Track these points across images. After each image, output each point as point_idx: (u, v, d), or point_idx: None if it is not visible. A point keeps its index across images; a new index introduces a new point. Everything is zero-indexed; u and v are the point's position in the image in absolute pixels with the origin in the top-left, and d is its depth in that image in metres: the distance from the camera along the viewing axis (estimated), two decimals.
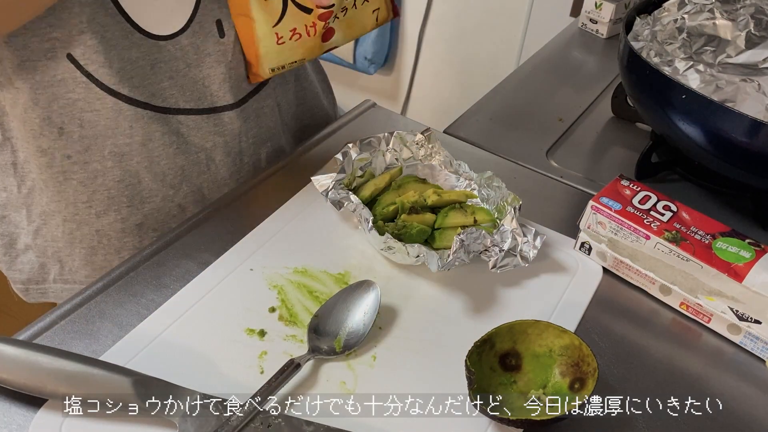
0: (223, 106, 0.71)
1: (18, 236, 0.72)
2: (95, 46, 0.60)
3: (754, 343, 0.58)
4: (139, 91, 0.65)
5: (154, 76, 0.65)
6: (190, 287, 0.59)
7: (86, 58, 0.61)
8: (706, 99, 0.64)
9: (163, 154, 0.69)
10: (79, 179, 0.67)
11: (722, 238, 0.59)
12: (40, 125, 0.63)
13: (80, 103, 0.62)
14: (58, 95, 0.62)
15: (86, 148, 0.65)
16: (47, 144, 0.64)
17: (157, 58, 0.65)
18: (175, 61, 0.66)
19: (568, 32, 1.16)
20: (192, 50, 0.67)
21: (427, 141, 0.71)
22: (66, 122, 0.63)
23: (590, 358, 0.51)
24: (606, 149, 0.88)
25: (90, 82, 0.62)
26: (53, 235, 0.71)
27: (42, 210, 0.69)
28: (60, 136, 0.64)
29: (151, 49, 0.64)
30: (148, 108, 0.66)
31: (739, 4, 0.76)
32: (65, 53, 0.60)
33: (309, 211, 0.68)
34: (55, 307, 0.57)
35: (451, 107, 1.77)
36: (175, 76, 0.67)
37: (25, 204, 0.70)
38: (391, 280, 0.62)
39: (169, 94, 0.67)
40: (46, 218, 0.70)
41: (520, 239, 0.62)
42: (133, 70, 0.64)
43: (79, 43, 0.60)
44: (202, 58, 0.67)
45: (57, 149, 0.65)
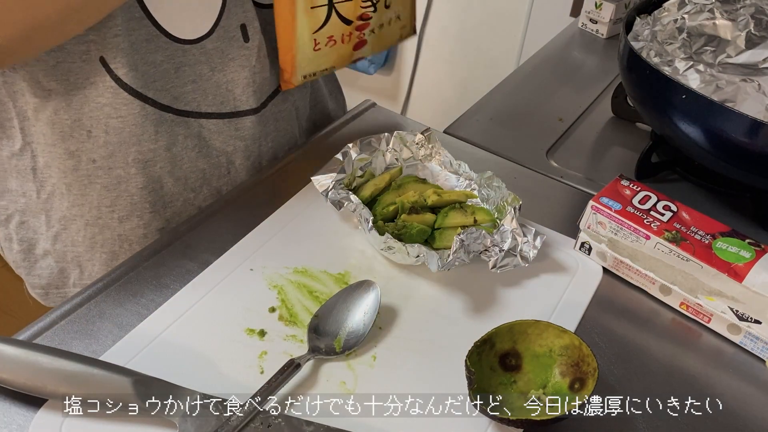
0: (245, 111, 0.71)
1: (37, 241, 0.72)
2: (126, 49, 0.60)
3: (754, 343, 0.58)
4: (162, 95, 0.65)
5: (177, 79, 0.65)
6: (190, 287, 0.59)
7: (117, 62, 0.61)
8: (706, 99, 0.64)
9: (185, 158, 0.69)
10: (103, 183, 0.67)
11: (722, 238, 0.59)
12: (70, 126, 0.63)
13: (107, 108, 0.63)
14: (89, 98, 0.62)
15: (110, 154, 0.65)
16: (75, 146, 0.64)
17: (182, 62, 0.65)
18: (200, 65, 0.66)
19: (568, 32, 1.16)
20: (216, 54, 0.67)
21: (427, 141, 0.71)
22: (94, 126, 0.64)
23: (590, 358, 0.51)
24: (606, 149, 0.88)
25: (118, 87, 0.62)
26: (73, 239, 0.71)
27: (62, 215, 0.69)
28: (88, 139, 0.64)
29: (175, 53, 0.64)
30: (171, 111, 0.66)
31: (739, 4, 0.76)
32: (98, 56, 0.60)
33: (309, 211, 0.68)
34: (55, 307, 0.57)
35: (451, 107, 1.77)
36: (199, 80, 0.67)
37: (44, 209, 0.70)
38: (391, 280, 0.62)
39: (192, 98, 0.67)
40: (66, 223, 0.70)
41: (520, 239, 0.62)
42: (156, 74, 0.64)
43: (112, 47, 0.60)
44: (226, 63, 0.68)
45: (84, 152, 0.65)
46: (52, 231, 0.71)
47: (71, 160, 0.65)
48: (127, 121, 0.64)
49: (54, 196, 0.68)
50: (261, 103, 0.73)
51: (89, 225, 0.69)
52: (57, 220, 0.70)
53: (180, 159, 0.69)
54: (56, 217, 0.70)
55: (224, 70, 0.68)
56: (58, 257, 0.72)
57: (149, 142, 0.66)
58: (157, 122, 0.65)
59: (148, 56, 0.63)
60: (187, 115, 0.68)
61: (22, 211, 0.71)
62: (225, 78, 0.68)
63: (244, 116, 0.72)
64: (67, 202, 0.68)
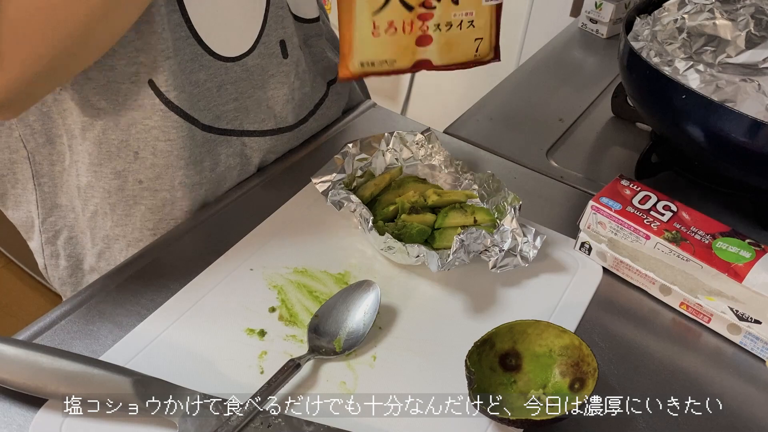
0: (285, 127, 0.72)
1: (84, 257, 0.73)
2: (175, 71, 0.60)
3: (754, 343, 0.58)
4: (205, 114, 0.65)
5: (219, 98, 0.65)
6: (190, 287, 0.59)
7: (168, 85, 0.60)
8: (706, 99, 0.64)
9: (228, 177, 0.69)
10: (148, 205, 0.67)
11: (722, 238, 0.59)
12: (117, 147, 0.63)
13: (155, 131, 0.62)
14: (136, 120, 0.62)
15: (157, 176, 0.65)
16: (122, 166, 0.64)
17: (224, 80, 0.65)
18: (241, 82, 0.66)
19: (568, 32, 1.16)
20: (257, 71, 0.67)
21: (427, 141, 0.71)
22: (141, 147, 0.63)
23: (590, 358, 0.51)
24: (606, 149, 0.88)
25: (168, 110, 0.61)
26: (116, 259, 0.70)
27: (105, 234, 0.69)
28: (135, 160, 0.64)
29: (218, 71, 0.64)
30: (213, 131, 0.66)
31: (739, 4, 0.76)
32: (147, 79, 0.60)
33: (309, 211, 0.68)
34: (55, 307, 0.57)
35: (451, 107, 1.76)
36: (240, 98, 0.67)
37: (89, 227, 0.70)
38: (391, 280, 0.62)
39: (234, 116, 0.67)
40: (109, 242, 0.70)
41: (520, 239, 0.62)
42: (200, 93, 0.64)
43: (163, 69, 0.59)
44: (266, 80, 0.68)
45: (130, 172, 0.65)
46: (97, 248, 0.71)
47: (117, 180, 0.65)
48: (175, 144, 0.63)
49: (97, 215, 0.68)
50: (300, 119, 0.73)
51: (131, 246, 0.69)
52: (101, 238, 0.70)
53: (224, 179, 0.69)
54: (100, 236, 0.70)
55: (264, 87, 0.68)
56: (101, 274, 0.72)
57: (196, 165, 0.66)
58: (203, 143, 0.65)
59: (192, 76, 0.62)
60: (230, 134, 0.68)
61: (71, 226, 0.71)
62: (265, 95, 0.69)
63: (283, 132, 0.72)
64: (110, 222, 0.68)
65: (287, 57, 0.69)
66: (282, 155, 0.78)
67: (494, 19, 0.74)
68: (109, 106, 0.61)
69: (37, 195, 0.70)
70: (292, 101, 0.71)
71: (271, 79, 0.69)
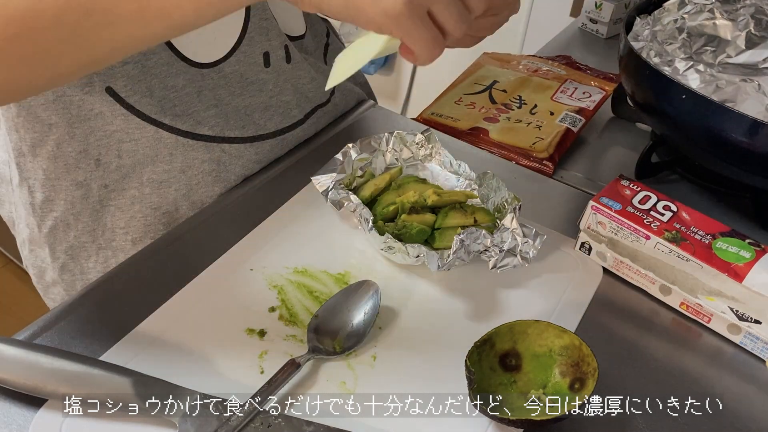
0: (265, 134, 0.71)
1: (45, 270, 0.72)
2: (137, 75, 0.60)
3: (754, 343, 0.58)
4: (183, 120, 0.64)
5: (200, 103, 0.65)
6: (190, 287, 0.59)
7: (128, 90, 0.60)
8: (706, 99, 0.64)
9: (201, 182, 0.69)
10: (117, 205, 0.66)
11: (722, 238, 0.59)
12: (75, 158, 0.63)
13: (118, 134, 0.62)
14: (95, 128, 0.61)
15: (124, 176, 0.65)
16: (83, 176, 0.64)
17: (202, 86, 0.65)
18: (219, 89, 0.66)
19: (568, 32, 1.16)
20: (235, 78, 0.67)
21: (427, 141, 0.71)
22: (103, 153, 0.63)
23: (590, 358, 0.51)
24: (606, 149, 0.88)
25: (129, 114, 0.61)
26: (82, 267, 0.70)
27: (69, 245, 0.69)
28: (97, 168, 0.63)
29: (195, 77, 0.64)
30: (189, 137, 0.66)
31: (739, 4, 0.76)
32: (104, 87, 0.59)
33: (309, 211, 0.68)
34: (55, 307, 0.57)
35: None
36: (220, 104, 0.67)
37: (47, 242, 0.69)
38: (391, 280, 0.62)
39: (215, 122, 0.67)
40: (73, 253, 0.69)
41: (520, 239, 0.61)
42: (177, 98, 0.63)
43: (121, 76, 0.59)
44: (245, 87, 0.68)
45: (93, 180, 0.64)
46: (58, 263, 0.70)
47: (80, 190, 0.65)
48: (141, 144, 0.63)
49: (57, 230, 0.68)
50: (282, 128, 0.73)
51: (102, 248, 0.69)
52: (62, 251, 0.69)
53: (196, 183, 0.68)
54: (61, 249, 0.69)
55: (243, 95, 0.68)
56: (66, 286, 0.72)
57: (163, 164, 0.65)
58: (172, 146, 0.65)
59: (168, 80, 0.62)
60: (210, 140, 0.67)
61: (30, 239, 0.71)
62: (243, 102, 0.69)
63: (264, 140, 0.72)
64: (74, 232, 0.68)
65: (269, 66, 0.68)
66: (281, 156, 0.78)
67: (559, 137, 0.81)
68: (61, 120, 0.60)
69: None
70: (269, 108, 0.70)
71: (250, 86, 0.68)
